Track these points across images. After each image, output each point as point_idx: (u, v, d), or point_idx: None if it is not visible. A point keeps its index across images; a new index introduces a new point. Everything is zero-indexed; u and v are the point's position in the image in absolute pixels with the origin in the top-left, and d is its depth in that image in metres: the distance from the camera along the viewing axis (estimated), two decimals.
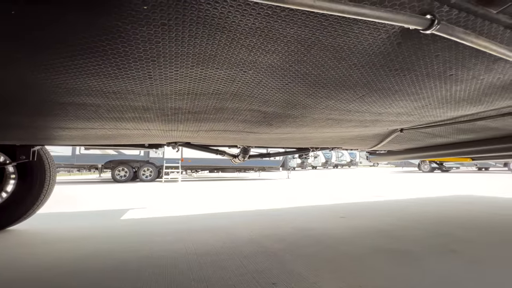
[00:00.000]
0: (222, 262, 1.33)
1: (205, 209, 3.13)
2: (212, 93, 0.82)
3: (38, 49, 0.51)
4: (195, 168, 11.52)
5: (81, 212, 3.04)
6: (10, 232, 2.04)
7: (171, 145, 2.17)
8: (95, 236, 1.89)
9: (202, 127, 1.23)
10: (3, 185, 2.15)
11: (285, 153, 2.59)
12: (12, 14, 0.41)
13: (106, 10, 0.42)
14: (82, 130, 1.14)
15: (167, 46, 0.53)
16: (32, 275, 1.19)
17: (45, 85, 0.65)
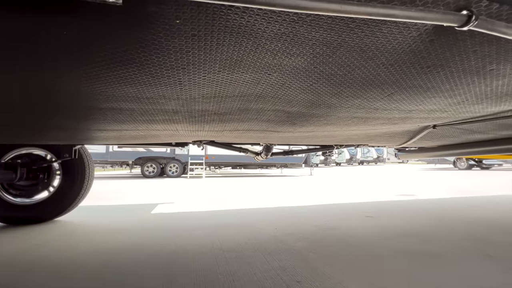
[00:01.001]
0: (247, 258, 1.37)
1: (230, 205, 3.21)
2: (237, 95, 0.84)
3: (84, 62, 0.56)
4: (218, 165, 11.79)
5: (116, 205, 3.28)
6: (57, 223, 2.26)
7: (196, 143, 2.26)
8: (128, 229, 2.03)
9: (226, 127, 1.27)
10: (50, 180, 2.38)
11: (308, 150, 2.56)
12: (64, 34, 0.46)
13: (144, 26, 0.45)
14: (117, 131, 1.24)
15: (197, 54, 0.56)
16: (78, 263, 1.32)
17: (89, 94, 0.72)
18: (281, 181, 7.80)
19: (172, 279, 1.11)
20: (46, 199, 2.34)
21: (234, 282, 1.09)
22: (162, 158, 10.37)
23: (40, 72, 0.62)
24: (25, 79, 0.65)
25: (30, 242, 1.67)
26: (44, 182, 2.36)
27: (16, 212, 2.24)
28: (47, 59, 0.55)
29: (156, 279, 1.11)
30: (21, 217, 2.24)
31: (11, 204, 2.24)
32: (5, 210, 2.22)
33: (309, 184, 6.78)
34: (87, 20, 0.44)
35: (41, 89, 0.73)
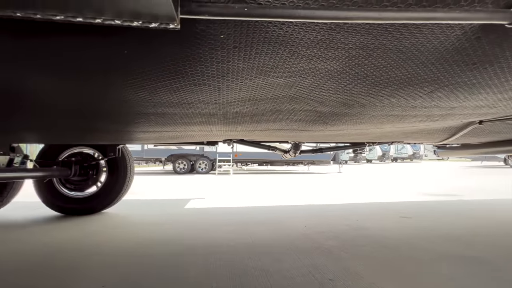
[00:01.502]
0: (278, 254, 1.41)
1: (258, 202, 3.28)
2: (270, 98, 0.87)
3: (138, 74, 0.64)
4: (245, 162, 11.97)
5: (153, 200, 3.53)
6: (104, 214, 2.51)
7: (227, 142, 2.34)
8: (166, 222, 2.18)
9: (258, 127, 1.31)
10: (98, 176, 2.65)
11: (338, 148, 2.51)
12: (125, 53, 0.53)
13: (192, 42, 0.51)
14: (158, 133, 1.35)
15: (236, 63, 0.60)
16: (126, 253, 1.46)
17: (138, 101, 0.81)
18: (309, 179, 7.70)
19: (210, 271, 1.19)
20: (95, 193, 2.61)
21: (267, 277, 1.13)
22: (192, 155, 10.83)
23: (99, 83, 0.71)
24: (88, 89, 0.75)
25: (86, 231, 1.89)
26: (93, 178, 2.63)
27: (72, 204, 2.53)
28: (107, 73, 0.64)
29: (196, 269, 1.20)
30: (75, 208, 2.52)
31: (67, 197, 2.54)
32: (62, 202, 2.52)
33: (338, 181, 6.60)
34: (144, 40, 0.51)
35: (98, 98, 0.83)
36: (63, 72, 0.65)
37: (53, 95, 0.82)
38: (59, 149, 2.57)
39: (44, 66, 0.62)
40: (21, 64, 0.61)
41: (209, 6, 0.39)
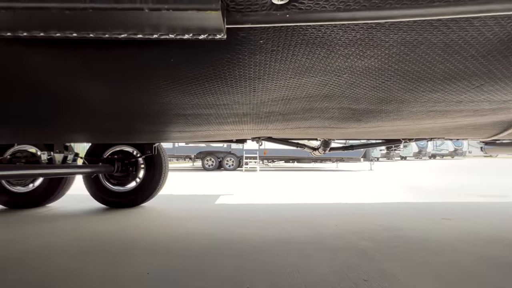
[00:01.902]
0: (309, 251, 1.41)
1: (286, 199, 3.28)
2: (303, 97, 0.88)
3: (181, 79, 0.69)
4: (272, 159, 11.99)
5: (186, 195, 3.71)
6: (143, 208, 2.71)
7: (255, 139, 2.37)
8: (198, 217, 2.29)
9: (289, 126, 1.32)
10: (137, 172, 2.86)
11: (372, 145, 2.41)
12: (171, 61, 0.58)
13: (233, 48, 0.53)
14: (193, 132, 1.43)
15: (273, 66, 0.62)
16: (166, 244, 1.57)
17: (178, 104, 0.87)
18: (338, 176, 7.49)
19: (241, 264, 1.24)
20: (135, 188, 2.82)
21: (299, 273, 1.15)
22: (219, 152, 11.12)
23: (147, 89, 0.77)
24: (136, 95, 0.82)
25: (128, 223, 2.06)
26: (133, 174, 2.85)
27: (115, 197, 2.77)
28: (155, 80, 0.69)
29: (228, 263, 1.25)
30: (118, 202, 2.76)
31: (111, 191, 2.78)
32: (107, 195, 2.77)
33: (369, 179, 6.33)
34: (189, 48, 0.55)
35: (143, 102, 0.90)
36: (115, 81, 0.72)
37: (104, 101, 0.91)
38: (103, 148, 2.82)
39: (99, 75, 0.70)
40: (80, 75, 0.69)
41: (253, 15, 0.41)
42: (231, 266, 1.21)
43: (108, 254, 1.38)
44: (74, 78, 0.72)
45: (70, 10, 0.34)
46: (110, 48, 0.55)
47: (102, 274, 1.13)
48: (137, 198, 2.80)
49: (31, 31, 0.39)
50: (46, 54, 0.59)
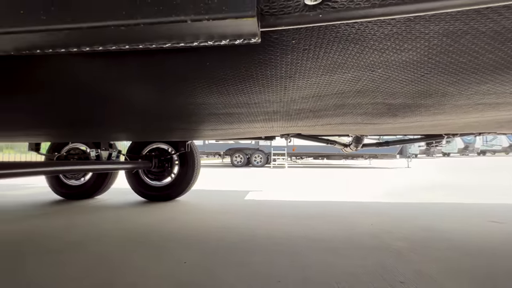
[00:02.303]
0: (341, 250, 1.39)
1: (316, 196, 3.23)
2: (335, 93, 0.86)
3: (215, 80, 0.72)
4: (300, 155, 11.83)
5: (217, 190, 3.85)
6: (177, 202, 2.88)
7: (284, 136, 2.37)
8: (229, 211, 2.37)
9: (319, 122, 1.30)
10: (172, 168, 3.04)
11: (409, 140, 2.27)
12: (207, 65, 0.62)
13: (265, 49, 0.55)
14: (224, 130, 1.48)
15: (304, 64, 0.62)
16: (201, 236, 1.67)
17: (212, 104, 0.91)
18: (371, 174, 7.14)
19: (273, 260, 1.26)
20: (170, 183, 3.01)
21: (331, 271, 1.14)
22: (248, 149, 11.28)
23: (185, 91, 0.83)
24: (175, 97, 0.88)
25: (165, 216, 2.21)
26: (168, 170, 3.04)
27: (153, 191, 2.98)
28: (193, 82, 0.74)
29: (259, 256, 1.29)
30: (155, 195, 2.97)
31: (149, 185, 3.00)
32: (146, 189, 2.99)
33: (406, 177, 5.94)
34: (224, 52, 0.58)
35: (181, 104, 0.97)
36: (156, 85, 0.79)
37: (146, 103, 0.99)
38: (142, 145, 3.05)
39: (143, 81, 0.76)
40: (127, 81, 0.77)
41: (286, 17, 0.42)
42: (261, 260, 1.25)
43: (151, 243, 1.50)
44: (121, 84, 0.80)
45: (125, 26, 0.39)
46: (153, 55, 0.60)
47: (146, 261, 1.25)
48: (172, 193, 2.98)
49: (92, 46, 0.45)
50: (99, 63, 0.66)
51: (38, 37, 0.42)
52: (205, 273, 1.11)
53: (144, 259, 1.26)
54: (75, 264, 1.20)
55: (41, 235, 1.64)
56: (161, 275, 1.09)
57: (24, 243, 1.50)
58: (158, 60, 0.63)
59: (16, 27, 0.40)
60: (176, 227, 1.83)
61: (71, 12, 0.39)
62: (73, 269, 1.14)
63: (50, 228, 1.79)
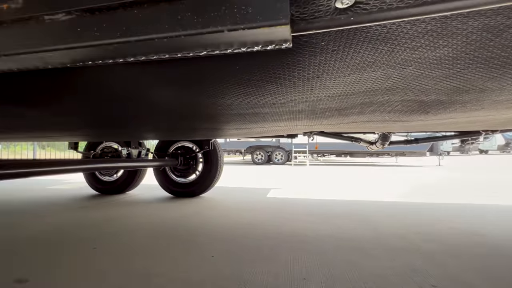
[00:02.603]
0: (368, 250, 1.36)
1: (339, 195, 3.17)
2: (362, 91, 0.85)
3: (243, 82, 0.75)
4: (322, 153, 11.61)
5: (239, 187, 3.92)
6: (202, 198, 2.98)
7: (307, 134, 2.35)
8: (252, 209, 2.41)
9: (344, 120, 1.28)
10: (196, 166, 3.15)
11: (442, 138, 2.14)
12: (237, 68, 0.64)
13: (294, 52, 0.56)
14: (248, 129, 1.51)
15: (332, 64, 0.63)
16: (226, 231, 1.72)
17: (238, 105, 0.94)
18: (398, 172, 6.83)
19: (298, 257, 1.28)
20: (195, 180, 3.12)
21: (357, 271, 1.13)
22: (268, 147, 11.29)
23: (214, 93, 0.86)
24: (205, 99, 0.92)
25: (190, 211, 2.31)
26: (193, 167, 3.15)
27: (178, 188, 3.12)
28: (222, 85, 0.77)
29: (285, 254, 1.31)
30: (181, 192, 3.09)
31: (175, 182, 3.14)
32: (172, 186, 3.13)
33: (437, 177, 5.60)
34: (253, 56, 0.60)
35: (209, 105, 1.01)
36: (188, 89, 0.83)
37: (176, 106, 1.05)
38: (169, 144, 3.19)
39: (176, 85, 0.81)
40: (161, 85, 0.82)
41: (317, 21, 0.43)
42: (287, 258, 1.26)
43: (180, 237, 1.59)
44: (153, 88, 0.86)
45: (167, 38, 0.42)
46: (185, 61, 0.64)
47: (176, 254, 1.32)
48: (197, 189, 3.09)
49: (135, 56, 0.49)
50: (136, 70, 0.72)
51: (91, 50, 0.47)
52: (232, 268, 1.15)
53: (173, 252, 1.33)
54: (110, 254, 1.30)
55: (82, 226, 1.79)
56: (190, 267, 1.15)
57: (67, 233, 1.65)
58: (189, 65, 0.67)
59: (74, 43, 0.46)
60: (202, 222, 1.91)
61: (120, 28, 0.44)
62: (108, 259, 1.24)
63: (89, 220, 1.95)
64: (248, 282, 1.02)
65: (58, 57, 0.50)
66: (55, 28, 0.47)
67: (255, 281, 1.03)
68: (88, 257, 1.26)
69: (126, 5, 0.43)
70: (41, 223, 1.88)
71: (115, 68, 0.69)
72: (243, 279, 1.05)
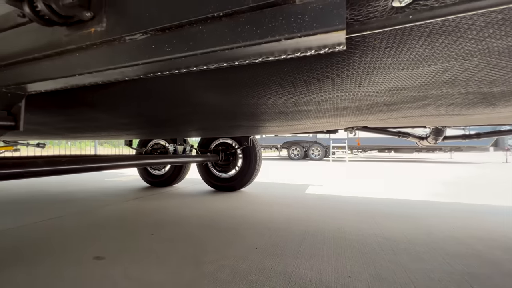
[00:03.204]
0: (419, 254, 1.29)
1: (384, 193, 3.00)
2: (415, 86, 0.80)
3: (290, 83, 0.77)
4: (363, 148, 10.99)
5: (277, 183, 3.96)
6: (242, 192, 3.09)
7: (348, 129, 2.27)
8: (292, 205, 2.43)
9: (393, 116, 1.22)
10: (236, 161, 3.27)
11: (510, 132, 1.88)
12: (285, 70, 0.67)
13: (345, 51, 0.57)
14: (290, 126, 1.53)
15: (384, 61, 0.61)
16: (273, 225, 1.78)
17: (283, 103, 0.97)
18: (451, 169, 6.14)
19: (341, 254, 1.27)
20: (235, 175, 3.25)
21: (407, 274, 1.08)
22: (305, 142, 11.09)
23: (263, 94, 0.90)
24: (247, 99, 0.97)
25: (232, 204, 2.42)
26: (233, 163, 3.28)
27: (219, 182, 3.28)
28: (269, 86, 0.81)
29: (328, 251, 1.31)
30: (222, 186, 3.25)
31: (217, 176, 3.31)
32: (214, 180, 3.31)
33: (502, 175, 4.89)
34: (302, 58, 0.61)
35: (255, 105, 1.05)
36: (237, 91, 0.88)
37: (223, 106, 1.12)
38: (210, 140, 3.36)
39: (226, 88, 0.87)
40: (212, 89, 0.89)
41: (372, 22, 0.43)
42: (329, 254, 1.26)
43: (224, 229, 1.69)
44: (205, 92, 0.93)
45: (228, 50, 0.47)
46: (237, 67, 0.69)
47: (221, 244, 1.42)
48: (237, 184, 3.21)
49: (198, 66, 0.55)
50: (190, 77, 0.79)
51: (162, 64, 0.54)
52: (275, 260, 1.20)
53: (220, 242, 1.43)
54: (166, 240, 1.45)
55: (140, 215, 2.02)
56: (236, 257, 1.23)
57: (128, 220, 1.88)
58: (237, 70, 0.72)
59: (150, 58, 0.53)
60: (244, 215, 2.00)
61: (188, 43, 0.50)
62: (165, 245, 1.39)
63: (145, 209, 2.19)
64: (292, 274, 1.06)
65: (135, 71, 0.59)
66: (134, 46, 0.55)
67: (298, 274, 1.06)
68: (147, 242, 1.43)
69: (192, 22, 0.49)
70: (106, 210, 2.17)
71: (172, 76, 0.77)
72: (287, 272, 1.08)
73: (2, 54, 0.70)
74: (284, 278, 1.03)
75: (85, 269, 1.10)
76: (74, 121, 1.59)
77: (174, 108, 1.24)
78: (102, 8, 0.58)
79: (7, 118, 0.78)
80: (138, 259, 1.21)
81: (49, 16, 0.57)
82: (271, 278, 1.03)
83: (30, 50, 0.67)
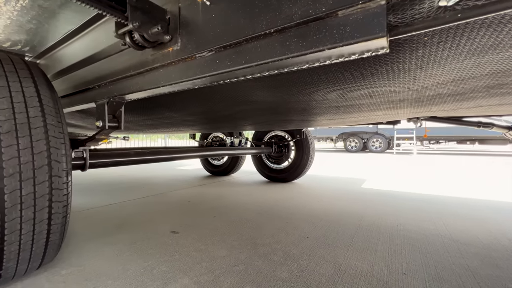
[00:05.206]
0: (494, 259, 1.15)
1: (454, 191, 2.64)
2: (485, 74, 0.73)
3: (337, 81, 0.80)
4: (436, 139, 9.60)
5: (330, 176, 3.88)
6: (294, 184, 3.15)
7: (412, 120, 2.08)
8: (346, 199, 2.38)
9: (463, 106, 1.09)
10: (289, 153, 3.34)
11: None
12: (332, 70, 0.70)
13: (393, 50, 0.57)
14: (342, 119, 1.51)
15: (439, 54, 0.59)
16: (320, 216, 1.82)
17: (331, 99, 0.99)
18: None
19: (397, 251, 1.23)
20: (287, 166, 3.33)
21: (476, 279, 0.99)
22: (364, 133, 10.31)
23: (309, 92, 0.95)
24: (299, 97, 1.03)
25: (286, 195, 2.52)
26: (285, 155, 3.36)
27: (273, 173, 3.41)
28: (321, 85, 0.85)
29: (383, 247, 1.28)
30: (275, 177, 3.38)
31: (270, 168, 3.45)
32: (267, 171, 3.46)
33: None
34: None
35: (304, 101, 1.10)
36: (290, 92, 0.95)
37: (279, 103, 1.20)
38: (264, 133, 3.51)
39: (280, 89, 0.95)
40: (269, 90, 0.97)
41: (417, 23, 0.45)
42: (384, 250, 1.24)
43: (279, 217, 1.80)
44: (260, 92, 1.03)
45: (278, 61, 0.55)
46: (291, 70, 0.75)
47: (276, 231, 1.53)
48: (289, 176, 3.29)
49: (253, 75, 0.64)
50: (247, 82, 0.89)
51: (224, 75, 0.66)
52: (325, 250, 1.25)
53: (274, 228, 1.55)
54: (226, 223, 1.64)
55: (204, 199, 2.31)
56: (289, 243, 1.32)
57: (195, 203, 2.18)
58: (287, 73, 0.78)
59: (215, 71, 0.65)
60: (297, 206, 2.07)
61: (244, 57, 0.59)
62: (226, 227, 1.58)
63: (208, 194, 2.48)
64: (342, 264, 1.09)
65: (203, 81, 0.72)
66: (203, 62, 0.68)
67: (349, 264, 1.09)
68: (212, 223, 1.65)
69: (248, 39, 0.58)
70: (177, 194, 2.54)
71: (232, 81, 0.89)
72: (337, 261, 1.12)
73: (111, 71, 0.93)
74: (334, 267, 1.08)
75: (166, 239, 1.36)
76: (153, 119, 1.92)
77: (232, 106, 1.38)
78: (177, 31, 0.73)
79: (113, 120, 1.03)
80: (205, 235, 1.42)
81: (142, 43, 0.74)
82: (321, 265, 1.09)
83: (127, 69, 0.88)
